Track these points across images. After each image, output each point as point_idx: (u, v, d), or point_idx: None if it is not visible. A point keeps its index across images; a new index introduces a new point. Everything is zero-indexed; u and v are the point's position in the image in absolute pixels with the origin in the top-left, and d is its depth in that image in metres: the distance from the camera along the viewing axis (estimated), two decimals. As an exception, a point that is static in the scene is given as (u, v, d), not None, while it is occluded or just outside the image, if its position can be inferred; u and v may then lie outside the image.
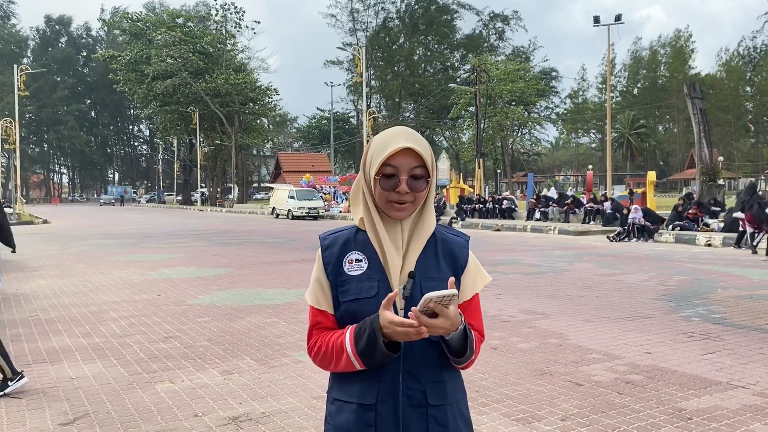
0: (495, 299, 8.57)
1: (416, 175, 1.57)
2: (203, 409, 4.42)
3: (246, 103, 61.14)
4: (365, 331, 1.52)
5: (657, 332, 6.63)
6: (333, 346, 1.59)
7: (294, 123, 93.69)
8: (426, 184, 1.58)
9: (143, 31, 61.44)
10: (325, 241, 1.68)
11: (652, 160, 79.23)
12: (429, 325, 1.45)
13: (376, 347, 1.50)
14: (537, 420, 4.14)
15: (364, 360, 1.53)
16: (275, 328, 7.03)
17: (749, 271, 11.75)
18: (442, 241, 1.66)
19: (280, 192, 38.21)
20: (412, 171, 1.56)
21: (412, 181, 1.56)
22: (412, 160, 1.56)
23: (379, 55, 73.59)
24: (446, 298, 1.44)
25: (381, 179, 1.57)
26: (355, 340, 1.53)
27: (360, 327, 1.54)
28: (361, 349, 1.52)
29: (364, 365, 1.54)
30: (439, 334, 1.49)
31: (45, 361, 5.77)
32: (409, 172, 1.56)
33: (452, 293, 1.43)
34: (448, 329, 1.48)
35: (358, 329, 1.54)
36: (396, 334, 1.47)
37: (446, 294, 1.43)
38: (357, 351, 1.53)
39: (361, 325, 1.54)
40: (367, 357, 1.52)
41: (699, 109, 24.17)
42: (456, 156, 68.89)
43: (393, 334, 1.47)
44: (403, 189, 1.55)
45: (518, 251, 15.69)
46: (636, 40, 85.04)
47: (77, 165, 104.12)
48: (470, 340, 1.57)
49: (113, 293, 9.63)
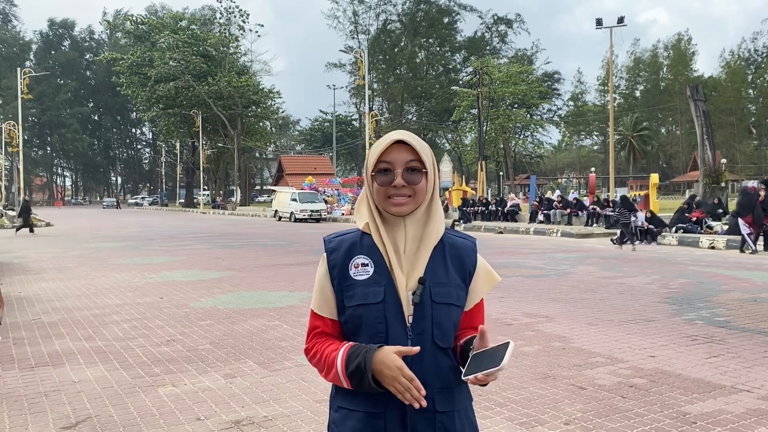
0: (498, 302, 8.56)
1: (412, 168, 1.57)
2: (206, 413, 4.41)
3: (248, 106, 61.28)
4: (356, 358, 1.51)
5: (660, 335, 6.61)
6: (326, 359, 1.58)
7: (296, 126, 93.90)
8: (422, 177, 1.58)
9: (146, 33, 61.61)
10: (331, 244, 1.65)
11: (654, 163, 79.19)
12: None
13: (363, 379, 1.49)
14: (540, 424, 4.13)
15: (353, 384, 1.53)
16: (278, 331, 7.02)
17: (753, 273, 11.71)
18: (450, 246, 1.64)
19: (282, 195, 38.24)
20: (407, 164, 1.56)
21: (408, 174, 1.56)
22: (407, 155, 1.56)
23: (381, 57, 73.64)
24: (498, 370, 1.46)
25: (377, 175, 1.57)
26: (347, 362, 1.52)
27: (354, 352, 1.53)
28: (350, 373, 1.51)
29: (351, 387, 1.54)
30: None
31: (47, 364, 5.77)
32: (405, 165, 1.56)
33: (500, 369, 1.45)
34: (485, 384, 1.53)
35: (351, 353, 1.53)
36: (383, 377, 1.47)
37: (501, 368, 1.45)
38: (346, 373, 1.52)
39: (356, 350, 1.53)
40: (354, 381, 1.52)
41: (702, 111, 24.14)
42: (458, 158, 68.90)
43: (380, 374, 1.47)
44: (399, 182, 1.55)
45: (521, 254, 15.66)
46: (634, 41, 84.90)
47: (80, 168, 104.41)
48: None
49: (116, 296, 9.63)
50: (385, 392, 1.53)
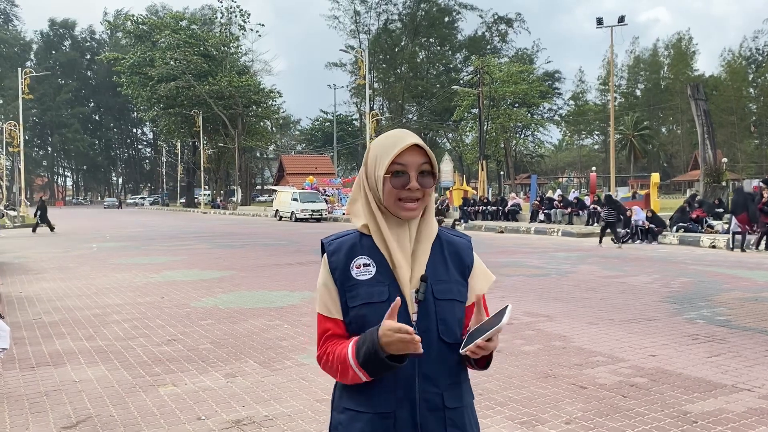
0: (499, 301, 8.55)
1: (425, 171, 1.58)
2: (206, 413, 4.41)
3: (249, 106, 61.27)
4: (363, 344, 1.49)
5: (661, 335, 6.60)
6: (337, 358, 1.55)
7: (297, 125, 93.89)
8: (433, 180, 1.60)
9: (146, 33, 61.63)
10: (331, 246, 1.64)
11: (655, 162, 79.11)
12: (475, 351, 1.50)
13: (377, 358, 1.46)
14: (541, 423, 4.12)
15: (369, 371, 1.49)
16: (278, 330, 7.02)
17: (754, 273, 11.70)
18: (448, 243, 1.66)
19: (283, 194, 38.26)
20: (420, 168, 1.57)
21: (421, 177, 1.57)
22: (420, 158, 1.57)
23: (382, 57, 73.61)
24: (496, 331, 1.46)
25: (391, 178, 1.57)
26: (357, 351, 1.50)
27: (360, 340, 1.52)
28: (363, 361, 1.49)
29: (370, 376, 1.51)
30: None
31: (48, 364, 5.77)
32: (418, 168, 1.57)
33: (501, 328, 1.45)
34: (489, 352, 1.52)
35: (360, 340, 1.52)
36: (392, 344, 1.43)
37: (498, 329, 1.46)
38: (360, 362, 1.50)
39: (361, 338, 1.51)
40: (370, 368, 1.49)
41: (702, 110, 24.13)
42: (459, 158, 68.86)
43: (389, 344, 1.44)
44: (414, 185, 1.56)
45: (522, 253, 15.66)
46: (633, 40, 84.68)
47: (81, 168, 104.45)
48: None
49: (116, 296, 9.63)
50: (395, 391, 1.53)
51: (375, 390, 1.55)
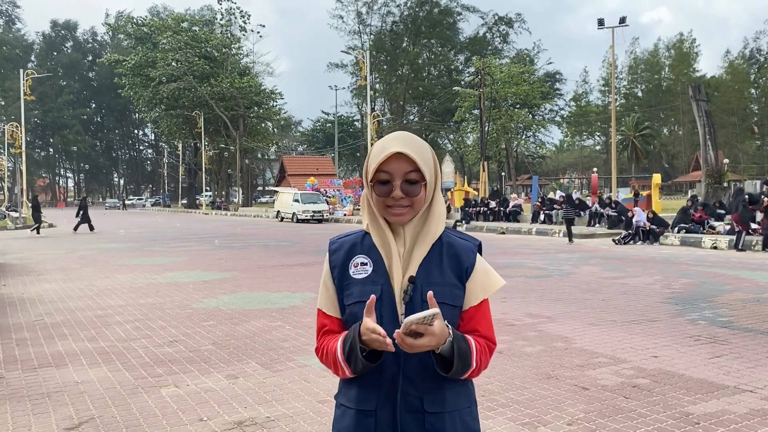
0: (500, 303, 8.55)
1: (411, 180, 1.56)
2: (208, 414, 4.41)
3: (251, 107, 61.31)
4: (348, 338, 1.52)
5: (663, 336, 6.60)
6: (329, 352, 1.59)
7: (298, 126, 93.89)
8: (421, 189, 1.57)
9: (148, 35, 61.67)
10: (333, 245, 1.68)
11: (656, 163, 79.07)
12: (413, 346, 1.43)
13: (355, 354, 1.50)
14: (543, 425, 4.12)
15: (351, 367, 1.53)
16: (280, 331, 7.03)
17: (756, 274, 11.69)
18: (448, 245, 1.64)
19: (284, 195, 38.30)
20: (406, 176, 1.55)
21: (406, 185, 1.55)
22: (406, 165, 1.55)
23: (383, 58, 73.64)
24: (428, 318, 1.42)
25: (376, 185, 1.57)
26: (343, 345, 1.54)
27: (348, 333, 1.55)
28: (346, 356, 1.52)
29: (352, 372, 1.54)
30: (427, 350, 1.46)
31: (50, 365, 5.78)
32: (404, 177, 1.55)
33: (433, 313, 1.42)
34: (436, 345, 1.46)
35: (347, 335, 1.54)
36: (371, 342, 1.46)
37: (427, 315, 1.41)
38: (345, 358, 1.53)
39: (349, 331, 1.54)
40: (351, 364, 1.53)
41: (704, 111, 24.13)
42: (460, 159, 68.82)
43: (369, 342, 1.47)
44: (397, 194, 1.55)
45: (523, 254, 15.65)
46: (633, 41, 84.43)
47: (83, 169, 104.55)
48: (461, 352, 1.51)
49: (118, 297, 9.64)
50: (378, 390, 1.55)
51: (361, 388, 1.58)
